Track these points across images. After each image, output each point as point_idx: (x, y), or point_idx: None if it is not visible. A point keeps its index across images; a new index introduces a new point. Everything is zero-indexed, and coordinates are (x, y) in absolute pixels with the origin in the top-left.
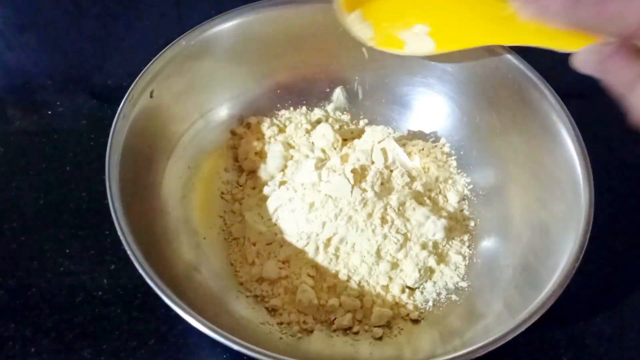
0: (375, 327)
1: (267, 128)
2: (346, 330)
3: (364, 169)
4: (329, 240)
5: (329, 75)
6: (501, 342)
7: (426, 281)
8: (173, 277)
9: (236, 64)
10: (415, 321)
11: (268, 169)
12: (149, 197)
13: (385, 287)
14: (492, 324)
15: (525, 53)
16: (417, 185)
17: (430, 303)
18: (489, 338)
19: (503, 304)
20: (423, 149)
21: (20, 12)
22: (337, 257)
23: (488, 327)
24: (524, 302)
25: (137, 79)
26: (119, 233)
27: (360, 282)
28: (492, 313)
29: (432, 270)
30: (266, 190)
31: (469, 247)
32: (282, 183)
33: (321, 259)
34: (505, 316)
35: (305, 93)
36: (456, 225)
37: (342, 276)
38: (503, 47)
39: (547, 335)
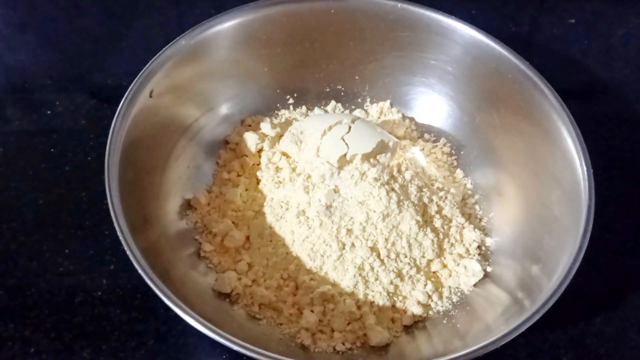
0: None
1: (267, 128)
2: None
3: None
4: (331, 244)
5: (328, 75)
6: (501, 342)
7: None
8: (172, 278)
9: (236, 64)
10: (416, 322)
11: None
12: (149, 197)
13: (391, 295)
14: (492, 324)
15: (525, 53)
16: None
17: (432, 304)
18: (489, 338)
19: (503, 304)
20: (423, 149)
21: (20, 12)
22: (339, 261)
23: (488, 327)
24: (524, 302)
25: (137, 78)
26: (119, 233)
27: (362, 290)
28: (492, 313)
29: (436, 276)
30: (266, 190)
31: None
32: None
33: (324, 265)
34: (505, 316)
35: (305, 93)
36: (456, 225)
37: (344, 283)
38: (503, 46)
39: (547, 335)
